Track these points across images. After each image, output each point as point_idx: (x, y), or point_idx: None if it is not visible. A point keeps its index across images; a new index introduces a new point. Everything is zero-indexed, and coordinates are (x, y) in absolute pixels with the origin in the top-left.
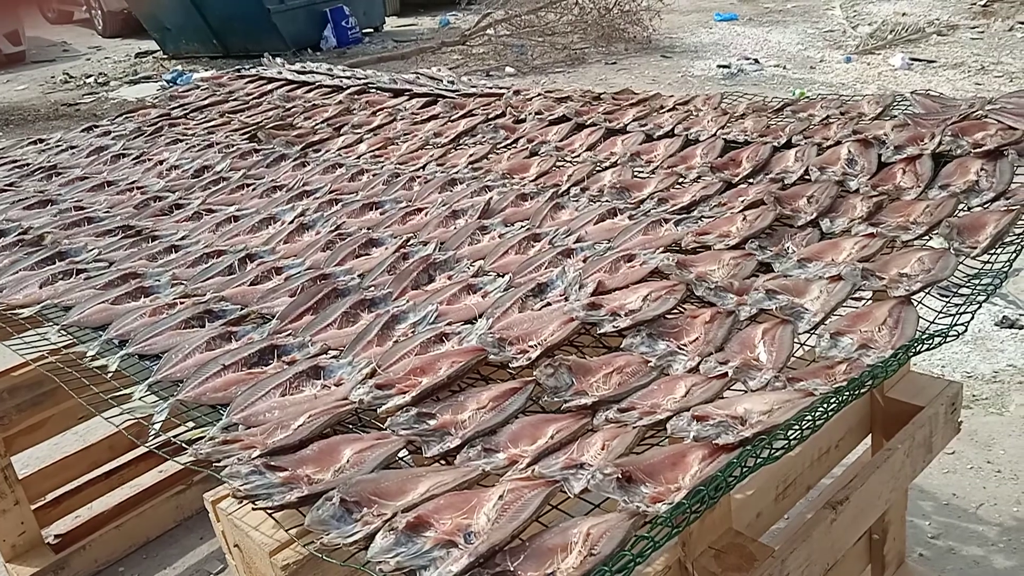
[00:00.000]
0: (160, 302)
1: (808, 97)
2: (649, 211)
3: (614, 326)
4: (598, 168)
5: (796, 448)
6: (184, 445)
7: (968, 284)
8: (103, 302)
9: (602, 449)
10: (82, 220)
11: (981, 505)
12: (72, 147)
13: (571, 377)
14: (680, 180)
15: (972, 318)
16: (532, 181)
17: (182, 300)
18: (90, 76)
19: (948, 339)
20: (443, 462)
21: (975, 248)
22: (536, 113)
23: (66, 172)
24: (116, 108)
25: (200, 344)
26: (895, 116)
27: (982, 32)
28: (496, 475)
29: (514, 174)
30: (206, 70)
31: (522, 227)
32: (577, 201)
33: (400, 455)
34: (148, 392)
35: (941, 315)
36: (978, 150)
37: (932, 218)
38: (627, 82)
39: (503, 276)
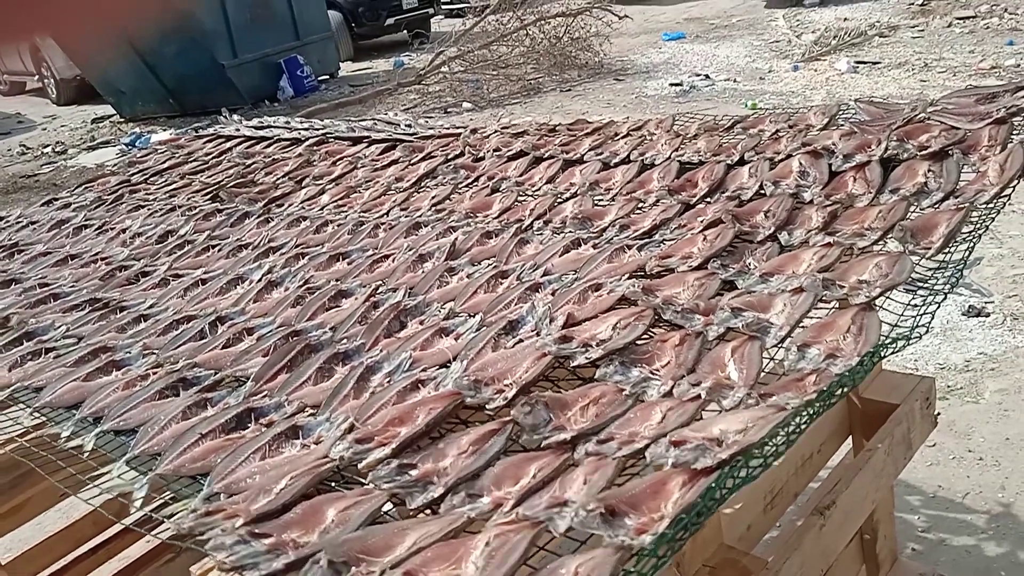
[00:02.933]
0: (132, 374)
1: (760, 109)
2: (612, 238)
3: (586, 357)
4: (559, 200)
5: (779, 459)
6: (165, 520)
7: (926, 284)
8: (74, 380)
9: (584, 484)
10: (47, 297)
11: (967, 494)
12: (32, 222)
13: (548, 413)
14: (640, 205)
15: (932, 319)
16: (495, 218)
17: (155, 370)
18: (47, 146)
19: (912, 341)
20: (428, 512)
21: (930, 248)
22: (494, 150)
23: (28, 249)
24: (76, 176)
25: (176, 414)
26: (841, 125)
27: (922, 31)
28: (482, 520)
29: (477, 212)
30: (164, 130)
31: (489, 265)
32: (541, 234)
33: (385, 509)
34: (127, 469)
35: (903, 318)
36: (924, 152)
37: (886, 223)
38: (583, 107)
39: (474, 316)
